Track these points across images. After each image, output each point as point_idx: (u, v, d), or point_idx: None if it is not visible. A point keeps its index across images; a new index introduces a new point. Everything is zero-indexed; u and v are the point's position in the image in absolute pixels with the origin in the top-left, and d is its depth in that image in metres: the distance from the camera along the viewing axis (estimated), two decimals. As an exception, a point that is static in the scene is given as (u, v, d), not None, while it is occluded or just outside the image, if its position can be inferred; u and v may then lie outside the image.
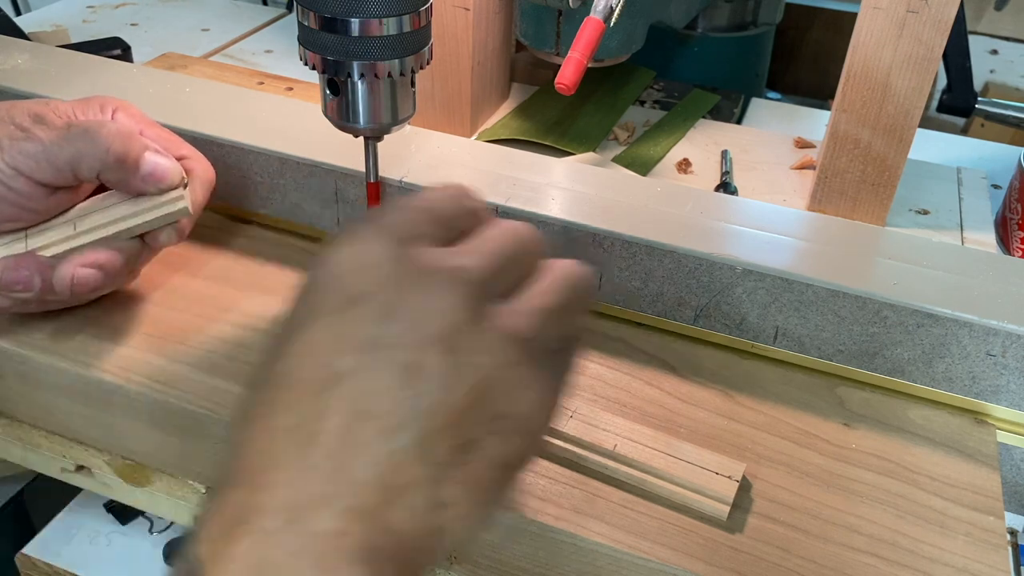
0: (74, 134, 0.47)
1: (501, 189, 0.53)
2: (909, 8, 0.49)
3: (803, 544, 0.40)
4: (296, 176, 0.57)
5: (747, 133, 0.71)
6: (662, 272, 0.50)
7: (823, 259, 0.49)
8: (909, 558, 0.40)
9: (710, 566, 0.39)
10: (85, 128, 0.48)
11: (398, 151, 0.56)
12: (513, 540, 0.42)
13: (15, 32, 0.76)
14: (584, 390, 0.48)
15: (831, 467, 0.44)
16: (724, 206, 0.53)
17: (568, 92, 0.52)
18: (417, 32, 0.45)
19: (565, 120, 0.70)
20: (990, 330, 0.45)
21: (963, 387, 0.47)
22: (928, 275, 0.48)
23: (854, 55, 0.52)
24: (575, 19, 0.60)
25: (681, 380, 0.49)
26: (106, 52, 0.75)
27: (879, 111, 0.53)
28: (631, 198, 0.53)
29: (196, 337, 0.50)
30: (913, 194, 0.62)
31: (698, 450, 0.43)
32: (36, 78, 0.63)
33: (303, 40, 0.45)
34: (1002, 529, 0.42)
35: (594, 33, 0.52)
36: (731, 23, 0.82)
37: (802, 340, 0.50)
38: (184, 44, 0.86)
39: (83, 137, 0.47)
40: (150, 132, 0.52)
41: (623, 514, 0.41)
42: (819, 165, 0.57)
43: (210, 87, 0.64)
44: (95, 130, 0.48)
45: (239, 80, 0.77)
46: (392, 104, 0.47)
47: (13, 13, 1.01)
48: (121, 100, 0.53)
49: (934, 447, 0.46)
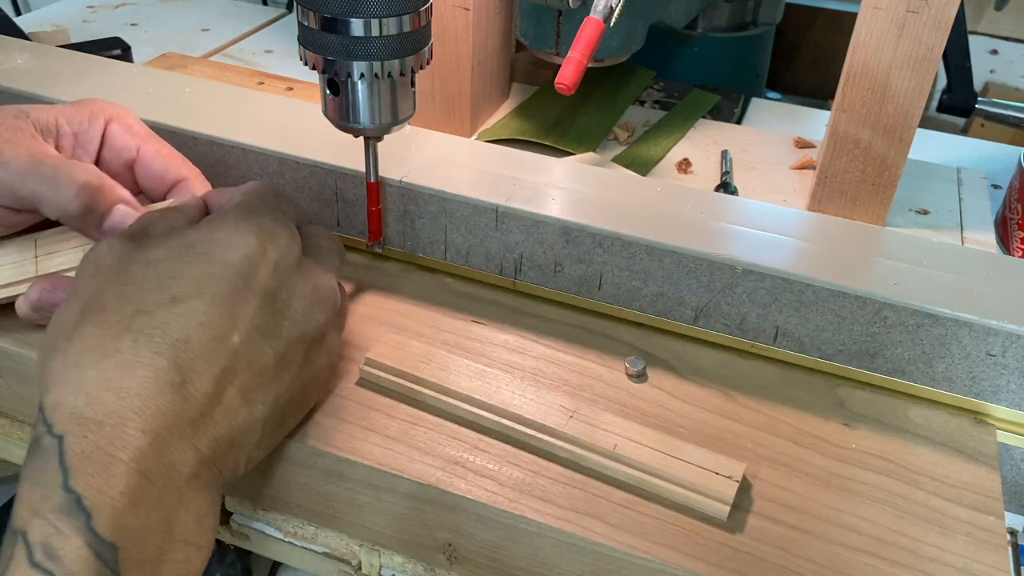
0: (40, 175, 0.44)
1: (501, 189, 0.53)
2: (909, 8, 0.49)
3: (803, 544, 0.40)
4: (296, 176, 0.57)
5: (747, 133, 0.71)
6: (662, 272, 0.50)
7: (823, 259, 0.49)
8: (909, 558, 0.40)
9: (710, 566, 0.39)
10: (54, 171, 0.44)
11: (398, 151, 0.56)
12: (513, 540, 0.42)
13: (15, 32, 0.76)
14: (584, 390, 0.48)
15: (831, 467, 0.44)
16: (724, 206, 0.53)
17: (568, 92, 0.52)
18: (417, 32, 0.45)
19: (565, 120, 0.70)
20: (990, 330, 0.45)
21: (963, 387, 0.47)
22: (928, 275, 0.48)
23: (854, 55, 0.52)
24: (575, 19, 0.60)
25: (681, 380, 0.49)
26: (106, 52, 0.75)
27: (879, 111, 0.53)
28: (631, 198, 0.53)
29: (196, 337, 0.50)
30: (913, 194, 0.62)
31: (698, 450, 0.43)
32: (36, 78, 0.63)
33: (303, 40, 0.45)
34: (1002, 529, 0.42)
35: (594, 33, 0.52)
36: (731, 23, 0.82)
37: (802, 340, 0.50)
38: (184, 44, 0.86)
39: (48, 182, 0.44)
40: (147, 148, 0.50)
41: (623, 514, 0.41)
42: (819, 165, 0.57)
43: (210, 87, 0.64)
44: (63, 176, 0.44)
45: (239, 80, 0.77)
46: (392, 104, 0.47)
47: (13, 13, 1.01)
48: (117, 107, 0.50)
49: (934, 447, 0.46)
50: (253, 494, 0.48)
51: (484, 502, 0.41)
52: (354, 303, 0.54)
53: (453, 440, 0.44)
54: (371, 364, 0.47)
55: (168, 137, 0.59)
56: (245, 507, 0.50)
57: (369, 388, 0.47)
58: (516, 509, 0.41)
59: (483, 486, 0.42)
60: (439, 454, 0.44)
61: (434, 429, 0.45)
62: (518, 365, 0.49)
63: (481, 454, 0.44)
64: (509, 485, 0.42)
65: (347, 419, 0.45)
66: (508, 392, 0.46)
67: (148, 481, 0.34)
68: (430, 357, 0.47)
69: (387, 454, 0.43)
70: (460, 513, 0.42)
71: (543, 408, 0.45)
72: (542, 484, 0.42)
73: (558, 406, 0.45)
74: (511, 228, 0.52)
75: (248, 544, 0.52)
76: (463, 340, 0.51)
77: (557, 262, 0.53)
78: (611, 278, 0.52)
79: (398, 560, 0.47)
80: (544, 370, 0.49)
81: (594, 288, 0.53)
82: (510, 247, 0.53)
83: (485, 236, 0.53)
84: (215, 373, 0.37)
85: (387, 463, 0.43)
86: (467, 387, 0.46)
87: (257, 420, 0.39)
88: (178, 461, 0.35)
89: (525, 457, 0.44)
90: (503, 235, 0.53)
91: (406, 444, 0.44)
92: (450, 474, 0.42)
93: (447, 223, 0.54)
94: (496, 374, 0.47)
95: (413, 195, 0.54)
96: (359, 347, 0.50)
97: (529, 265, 0.54)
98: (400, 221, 0.55)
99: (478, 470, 0.43)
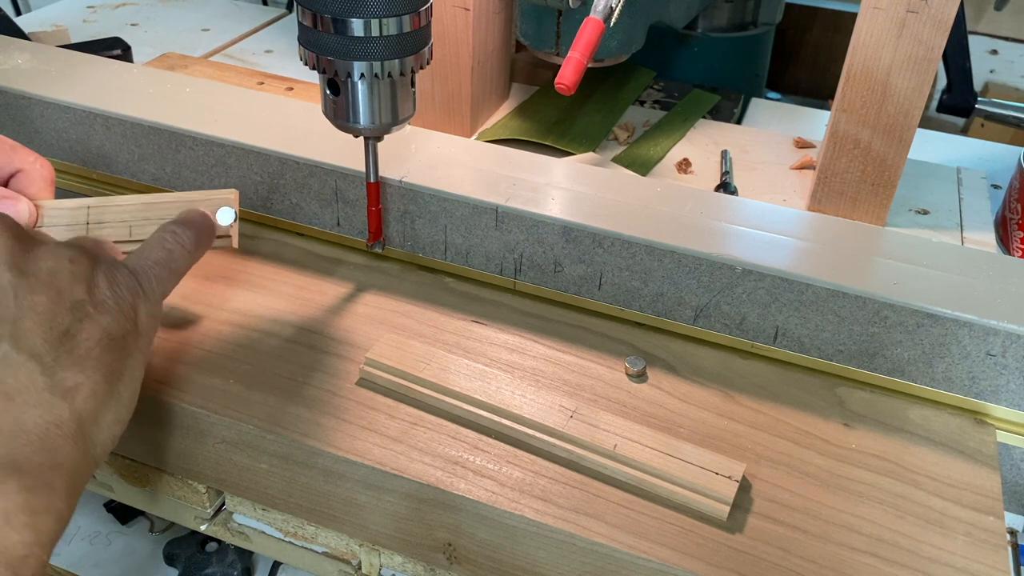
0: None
1: (501, 189, 0.53)
2: (909, 8, 0.49)
3: (803, 544, 0.40)
4: (296, 176, 0.57)
5: (747, 133, 0.71)
6: (662, 272, 0.50)
7: (823, 259, 0.49)
8: (909, 558, 0.40)
9: (710, 566, 0.39)
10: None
11: (398, 151, 0.56)
12: (513, 540, 0.42)
13: (15, 32, 0.76)
14: (584, 390, 0.48)
15: (831, 467, 0.44)
16: (724, 206, 0.53)
17: (568, 92, 0.52)
18: (417, 32, 0.45)
19: (565, 120, 0.70)
20: (990, 330, 0.45)
21: (963, 387, 0.47)
22: (928, 275, 0.48)
23: (854, 55, 0.52)
24: (575, 19, 0.60)
25: (681, 380, 0.49)
26: (106, 52, 0.75)
27: (879, 111, 0.53)
28: (631, 198, 0.53)
29: (195, 336, 0.50)
30: (913, 194, 0.62)
31: (698, 450, 0.43)
32: (36, 78, 0.63)
33: (303, 40, 0.45)
34: (1002, 529, 0.42)
35: (594, 33, 0.52)
36: (731, 23, 0.82)
37: (802, 340, 0.50)
38: (184, 44, 0.86)
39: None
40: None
41: (623, 514, 0.41)
42: (819, 165, 0.57)
43: (210, 87, 0.64)
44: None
45: (239, 80, 0.77)
46: (392, 104, 0.47)
47: (13, 13, 1.01)
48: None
49: (934, 447, 0.46)
50: (253, 494, 0.48)
51: (484, 502, 0.41)
52: (354, 303, 0.54)
53: (453, 440, 0.45)
54: (371, 364, 0.47)
55: (168, 137, 0.59)
56: (245, 507, 0.50)
57: (369, 388, 0.47)
58: (516, 509, 0.41)
59: (483, 486, 0.42)
60: (439, 454, 0.44)
61: (434, 429, 0.45)
62: (518, 365, 0.49)
63: (481, 454, 0.44)
64: (509, 485, 0.42)
65: (347, 419, 0.45)
66: (508, 392, 0.46)
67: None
68: (430, 357, 0.47)
69: (387, 454, 0.43)
70: (460, 513, 0.42)
71: (543, 408, 0.45)
72: (542, 484, 0.42)
73: (558, 406, 0.45)
74: (511, 228, 0.52)
75: (248, 544, 0.52)
76: (463, 340, 0.51)
77: (557, 262, 0.53)
78: (611, 278, 0.52)
79: (398, 560, 0.47)
80: (544, 370, 0.49)
81: (594, 288, 0.53)
82: (510, 247, 0.53)
83: (485, 236, 0.53)
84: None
85: (387, 463, 0.43)
86: (467, 387, 0.46)
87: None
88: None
89: (525, 457, 0.44)
90: (503, 235, 0.53)
91: (406, 444, 0.44)
92: (450, 474, 0.42)
93: (447, 223, 0.54)
94: (496, 374, 0.47)
95: (413, 195, 0.54)
96: (359, 347, 0.50)
97: (529, 265, 0.54)
98: (400, 221, 0.55)
99: (478, 470, 0.43)
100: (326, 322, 0.52)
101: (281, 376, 0.48)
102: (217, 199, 0.48)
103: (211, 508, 0.51)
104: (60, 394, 0.36)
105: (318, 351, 0.50)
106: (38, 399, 0.36)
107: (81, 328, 0.38)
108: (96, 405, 0.38)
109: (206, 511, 0.51)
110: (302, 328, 0.51)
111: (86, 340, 0.38)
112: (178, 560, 0.76)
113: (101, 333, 0.39)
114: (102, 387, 0.38)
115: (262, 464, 0.46)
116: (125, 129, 0.60)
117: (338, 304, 0.53)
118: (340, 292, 0.54)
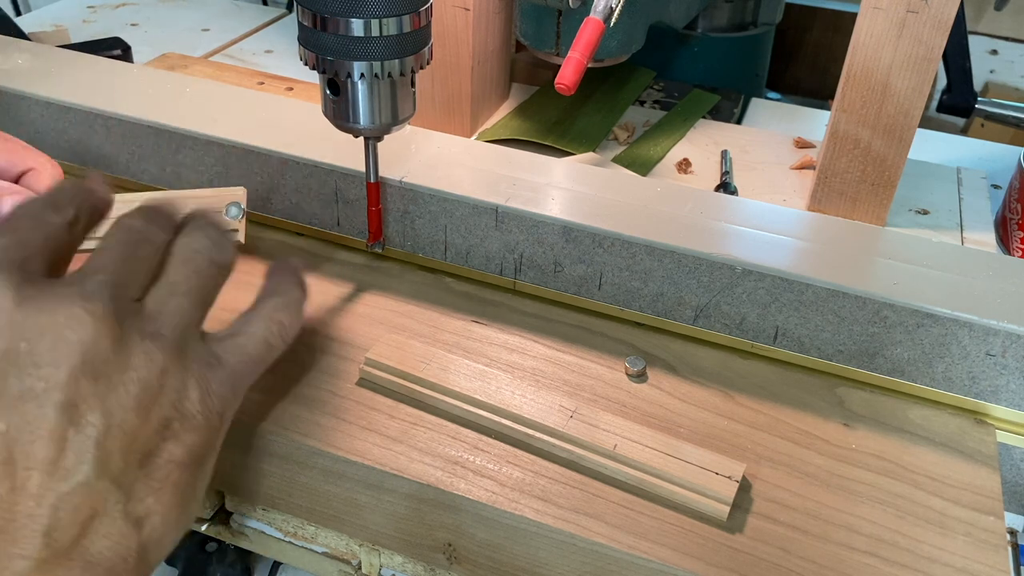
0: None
1: (501, 189, 0.53)
2: (909, 8, 0.49)
3: (803, 544, 0.40)
4: (296, 176, 0.57)
5: (747, 133, 0.71)
6: (662, 272, 0.50)
7: (823, 259, 0.49)
8: (909, 558, 0.40)
9: (710, 566, 0.39)
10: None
11: (398, 151, 0.56)
12: (513, 540, 0.42)
13: (15, 32, 0.76)
14: (584, 390, 0.48)
15: (831, 467, 0.44)
16: (724, 206, 0.53)
17: (568, 92, 0.52)
18: (417, 32, 0.45)
19: (565, 120, 0.70)
20: (990, 330, 0.45)
21: (963, 387, 0.47)
22: (928, 275, 0.48)
23: (854, 55, 0.52)
24: (575, 19, 0.60)
25: (681, 380, 0.49)
26: (106, 52, 0.75)
27: (879, 111, 0.53)
28: (631, 198, 0.53)
29: (196, 337, 0.50)
30: (913, 194, 0.62)
31: (698, 450, 0.43)
32: (36, 78, 0.63)
33: (303, 40, 0.45)
34: (1002, 529, 0.42)
35: (594, 33, 0.52)
36: (731, 23, 0.82)
37: (802, 340, 0.50)
38: (184, 44, 0.86)
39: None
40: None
41: (623, 514, 0.41)
42: (819, 165, 0.57)
43: (210, 87, 0.64)
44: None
45: (239, 80, 0.77)
46: (392, 104, 0.47)
47: (13, 13, 1.01)
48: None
49: (934, 447, 0.46)
50: (253, 494, 0.48)
51: (484, 502, 0.41)
52: (354, 303, 0.54)
53: (453, 440, 0.45)
54: (371, 364, 0.47)
55: (168, 137, 0.59)
56: (245, 507, 0.50)
57: (369, 388, 0.47)
58: (516, 509, 0.41)
59: (483, 486, 0.42)
60: (439, 454, 0.44)
61: (434, 429, 0.45)
62: (518, 365, 0.49)
63: (481, 454, 0.44)
64: (509, 485, 0.42)
65: (347, 419, 0.45)
66: (508, 392, 0.46)
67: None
68: (430, 357, 0.47)
69: (387, 454, 0.43)
70: (460, 513, 0.42)
71: (543, 408, 0.45)
72: (542, 484, 0.42)
73: (558, 406, 0.45)
74: (511, 228, 0.52)
75: (248, 544, 0.52)
76: (463, 340, 0.51)
77: (557, 262, 0.53)
78: (611, 278, 0.52)
79: (398, 560, 0.47)
80: (544, 370, 0.49)
81: (594, 288, 0.53)
82: (510, 247, 0.53)
83: (485, 236, 0.53)
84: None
85: (387, 463, 0.43)
86: (467, 387, 0.46)
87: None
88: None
89: (525, 457, 0.44)
90: (503, 235, 0.53)
91: (406, 444, 0.44)
92: (450, 474, 0.42)
93: (447, 223, 0.54)
94: (496, 374, 0.47)
95: (413, 195, 0.54)
96: (359, 347, 0.50)
97: (529, 265, 0.54)
98: (400, 221, 0.55)
99: (478, 470, 0.43)
100: (326, 322, 0.52)
101: (281, 376, 0.48)
102: (227, 195, 0.49)
103: (211, 508, 0.51)
104: (132, 523, 0.32)
105: (318, 351, 0.50)
106: (109, 529, 0.32)
107: (163, 449, 0.33)
108: (164, 532, 0.34)
109: (206, 511, 0.51)
110: (302, 328, 0.51)
111: (167, 463, 0.33)
112: (178, 560, 0.76)
113: (184, 454, 0.34)
114: (174, 513, 0.34)
115: (262, 464, 0.46)
116: (125, 129, 0.60)
117: (338, 304, 0.53)
118: (340, 292, 0.54)
